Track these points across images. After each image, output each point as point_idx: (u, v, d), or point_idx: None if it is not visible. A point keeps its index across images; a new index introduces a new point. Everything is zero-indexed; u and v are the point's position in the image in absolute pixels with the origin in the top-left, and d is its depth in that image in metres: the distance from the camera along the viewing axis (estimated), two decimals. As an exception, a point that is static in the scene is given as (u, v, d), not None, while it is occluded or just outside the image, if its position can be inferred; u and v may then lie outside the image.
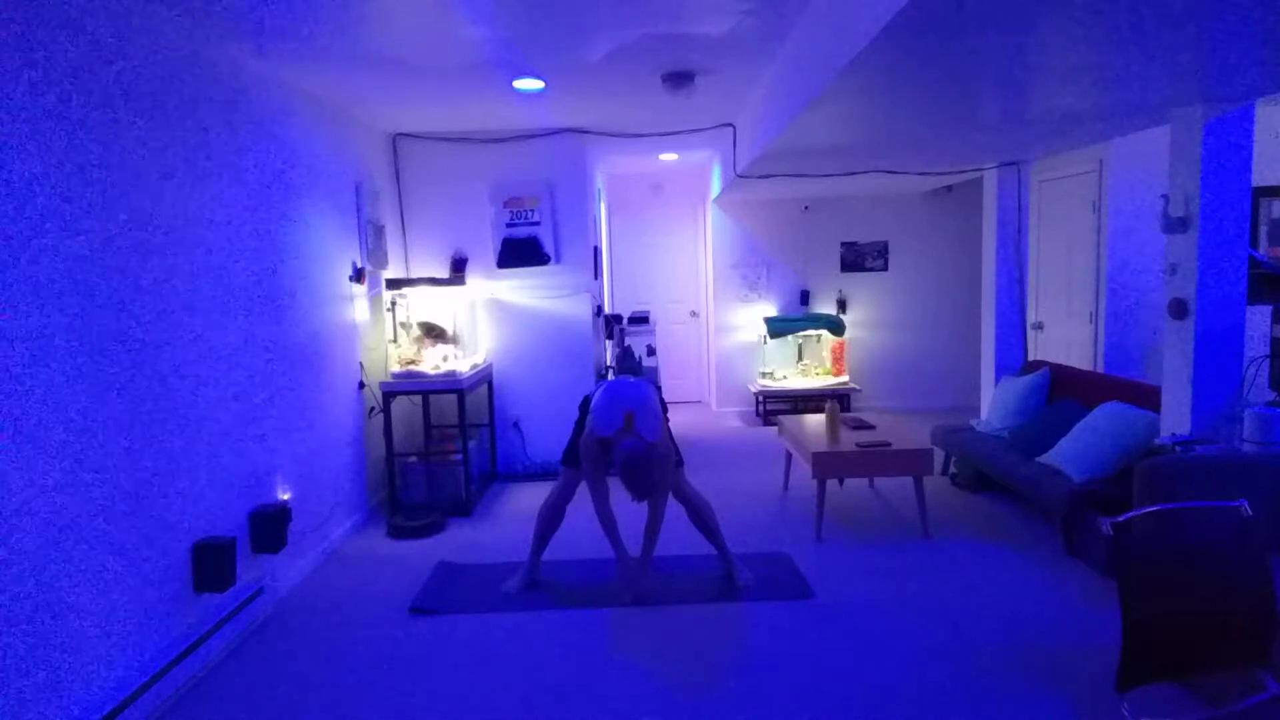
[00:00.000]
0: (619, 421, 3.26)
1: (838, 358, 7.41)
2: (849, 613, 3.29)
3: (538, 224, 5.48)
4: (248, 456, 3.38)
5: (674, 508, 3.71)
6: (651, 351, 6.44)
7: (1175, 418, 3.62)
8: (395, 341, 5.01)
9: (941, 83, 3.00)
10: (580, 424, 3.63)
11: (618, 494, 3.24)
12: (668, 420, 3.57)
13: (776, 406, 7.44)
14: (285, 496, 3.68)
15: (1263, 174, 4.97)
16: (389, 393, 4.67)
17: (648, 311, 7.82)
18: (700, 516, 3.62)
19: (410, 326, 4.98)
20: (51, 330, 2.31)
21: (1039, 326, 6.15)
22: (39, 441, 2.26)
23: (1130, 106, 3.55)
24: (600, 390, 3.51)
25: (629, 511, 4.71)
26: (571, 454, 3.63)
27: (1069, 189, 5.70)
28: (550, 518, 3.66)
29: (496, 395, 5.62)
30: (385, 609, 3.46)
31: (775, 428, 6.91)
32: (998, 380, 5.43)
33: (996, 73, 2.87)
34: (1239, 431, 3.32)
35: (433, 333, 4.90)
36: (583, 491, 3.64)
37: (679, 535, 4.28)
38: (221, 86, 3.27)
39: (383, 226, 5.11)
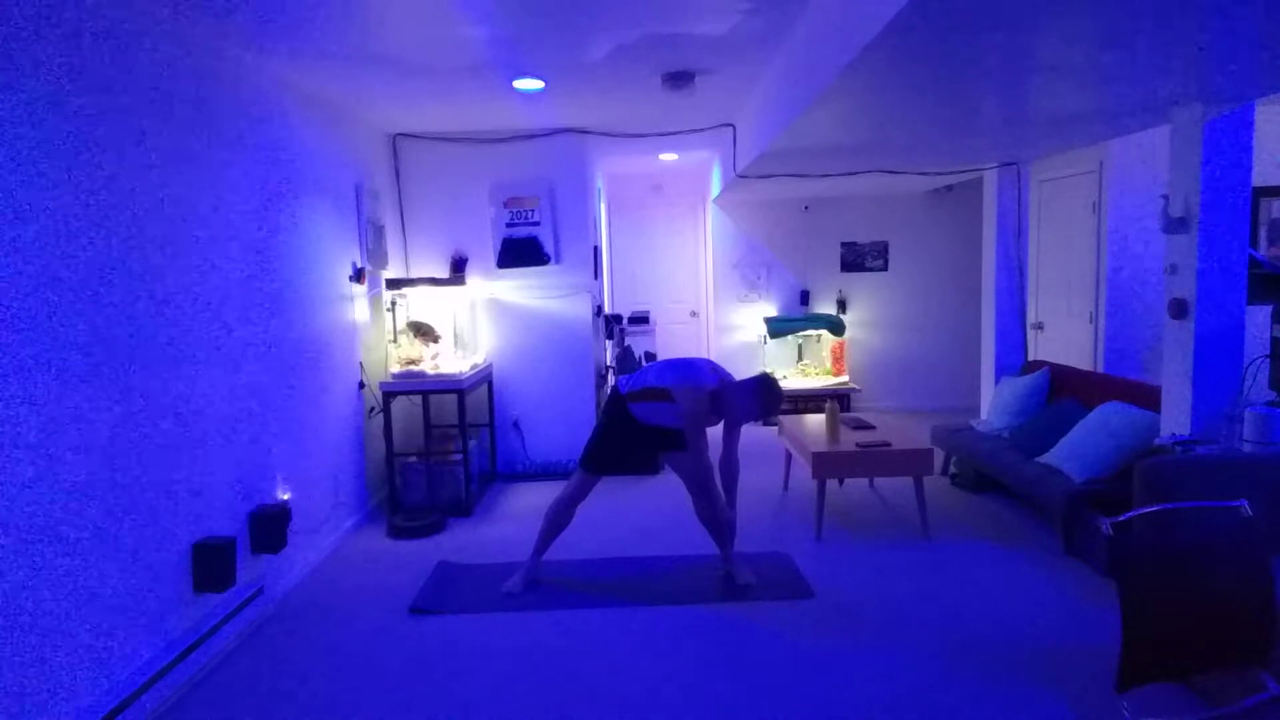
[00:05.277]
0: (714, 375, 3.45)
1: (838, 358, 7.41)
2: (849, 613, 3.29)
3: (538, 224, 5.48)
4: (248, 456, 3.38)
5: (680, 497, 3.72)
6: (650, 357, 6.42)
7: (1175, 418, 3.62)
8: (395, 341, 5.01)
9: (942, 82, 3.00)
10: (605, 428, 3.60)
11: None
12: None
13: (776, 406, 7.43)
14: (285, 496, 3.68)
15: (1263, 174, 4.97)
16: (389, 393, 4.67)
17: (648, 312, 7.83)
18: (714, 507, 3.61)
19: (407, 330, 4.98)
20: (49, 329, 2.31)
21: (1039, 326, 6.15)
22: (36, 441, 2.25)
23: (1130, 106, 3.55)
24: (650, 371, 3.51)
25: (628, 511, 4.71)
26: (593, 459, 3.60)
27: (1069, 189, 5.70)
28: (560, 516, 3.65)
29: (496, 395, 5.62)
30: (385, 609, 3.46)
31: (775, 427, 6.91)
32: (998, 380, 5.43)
33: (997, 72, 2.87)
34: (1239, 431, 3.32)
35: (421, 331, 4.89)
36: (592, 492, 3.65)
37: (679, 535, 4.28)
38: (222, 86, 3.27)
39: (383, 226, 5.11)
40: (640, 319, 7.67)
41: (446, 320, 5.30)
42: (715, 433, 3.94)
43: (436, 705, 2.69)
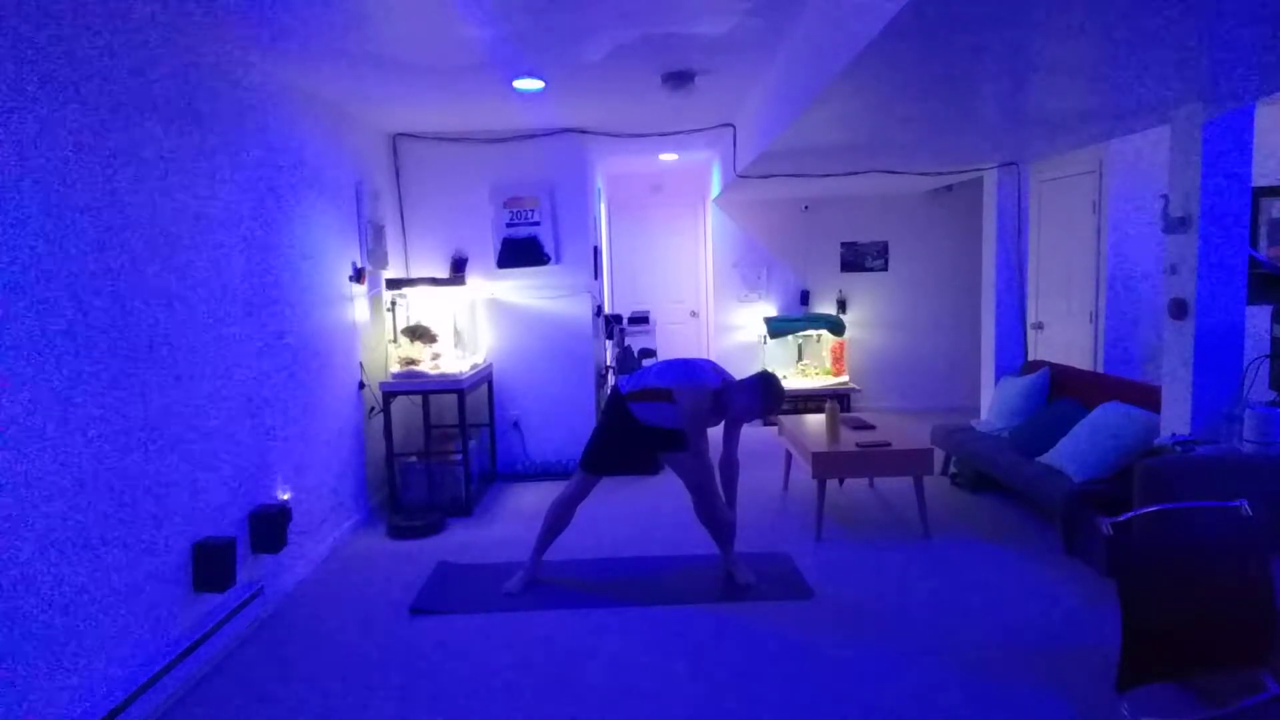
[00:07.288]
0: (716, 376, 3.47)
1: (838, 358, 7.41)
2: (849, 613, 3.29)
3: (538, 224, 5.48)
4: (248, 456, 3.38)
5: (680, 497, 3.71)
6: (647, 355, 6.41)
7: (1175, 418, 3.62)
8: (395, 342, 5.01)
9: (941, 82, 3.00)
10: (605, 428, 3.60)
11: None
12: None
13: (776, 406, 7.42)
14: (285, 496, 3.67)
15: (1263, 174, 4.97)
16: (389, 393, 4.67)
17: (647, 311, 7.83)
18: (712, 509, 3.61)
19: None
20: (48, 329, 2.31)
21: (1039, 326, 6.15)
22: (36, 441, 2.25)
23: (1130, 106, 3.55)
24: (651, 372, 3.52)
25: (628, 511, 4.72)
26: (593, 459, 3.60)
27: (1069, 189, 5.70)
28: (560, 516, 3.65)
29: (496, 395, 5.62)
30: (385, 609, 3.46)
31: (775, 427, 6.91)
32: (998, 380, 5.43)
33: (996, 72, 2.87)
34: (1239, 431, 3.32)
35: (417, 334, 4.89)
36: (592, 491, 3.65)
37: (679, 535, 4.28)
38: (222, 86, 3.27)
39: (383, 226, 5.11)
40: (640, 319, 7.67)
41: (446, 320, 5.30)
42: (715, 433, 3.94)
43: (436, 705, 2.69)
